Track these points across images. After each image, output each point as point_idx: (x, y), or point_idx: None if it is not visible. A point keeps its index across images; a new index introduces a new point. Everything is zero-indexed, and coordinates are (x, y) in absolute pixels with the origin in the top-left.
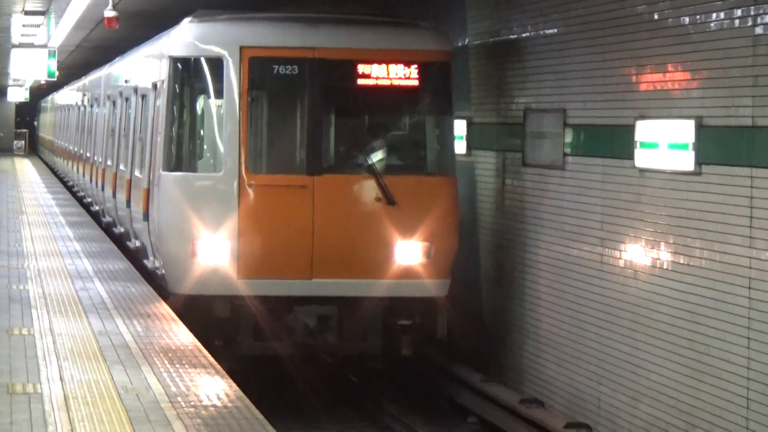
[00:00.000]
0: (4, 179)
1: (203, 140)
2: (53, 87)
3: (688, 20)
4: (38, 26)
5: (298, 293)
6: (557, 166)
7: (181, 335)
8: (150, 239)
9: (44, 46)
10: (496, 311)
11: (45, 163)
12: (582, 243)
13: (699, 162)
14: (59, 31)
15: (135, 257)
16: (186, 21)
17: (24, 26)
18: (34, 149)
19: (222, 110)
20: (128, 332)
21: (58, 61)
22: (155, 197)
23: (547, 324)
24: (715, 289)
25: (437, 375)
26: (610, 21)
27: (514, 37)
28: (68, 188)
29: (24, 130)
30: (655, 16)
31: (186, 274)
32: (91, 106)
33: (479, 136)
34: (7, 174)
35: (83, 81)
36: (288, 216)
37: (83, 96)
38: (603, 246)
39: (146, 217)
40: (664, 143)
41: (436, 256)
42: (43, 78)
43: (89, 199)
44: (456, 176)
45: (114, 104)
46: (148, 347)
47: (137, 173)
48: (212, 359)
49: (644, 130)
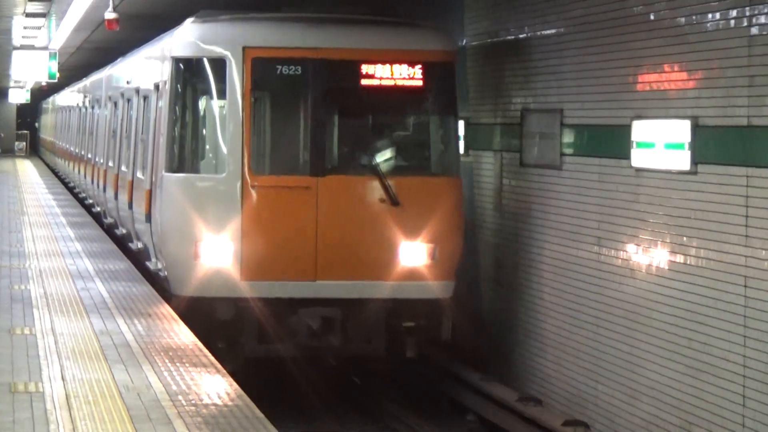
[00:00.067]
0: (6, 180)
1: (206, 141)
2: (54, 88)
3: (684, 21)
4: (39, 28)
5: (302, 295)
6: (555, 166)
7: (182, 335)
8: (152, 241)
9: (45, 48)
10: (495, 310)
11: (46, 164)
12: (579, 242)
13: (695, 162)
14: (60, 33)
15: (137, 259)
16: (188, 21)
17: (25, 28)
18: (36, 150)
19: (225, 111)
20: (129, 332)
21: (59, 63)
22: (157, 199)
23: (546, 323)
24: (712, 288)
25: (436, 374)
26: (607, 22)
27: (512, 38)
28: (69, 189)
29: (25, 132)
30: (652, 17)
31: (189, 276)
32: (93, 108)
33: (477, 137)
34: (9, 175)
35: (84, 82)
36: (291, 217)
37: (84, 97)
38: (600, 245)
39: (148, 219)
40: (661, 143)
41: (441, 258)
42: (44, 80)
43: (91, 201)
44: (460, 177)
45: (115, 105)
46: (149, 346)
47: (139, 174)
48: (212, 358)
49: (641, 130)
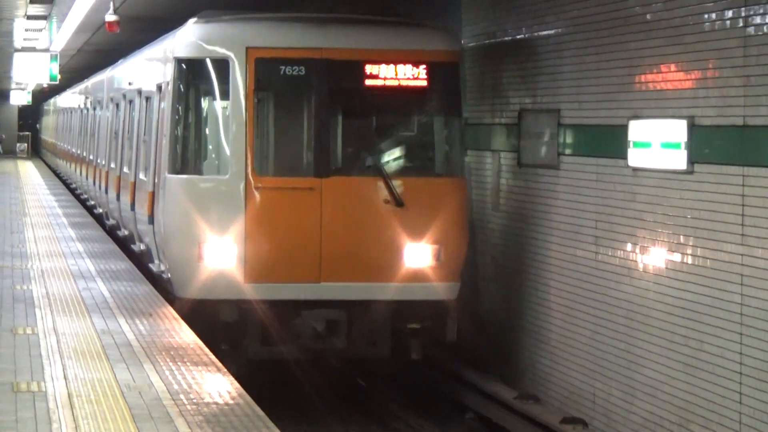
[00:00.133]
0: (8, 181)
1: (209, 142)
2: (55, 90)
3: (680, 21)
4: (40, 30)
5: (306, 297)
6: (552, 166)
7: (183, 334)
8: (155, 243)
9: (46, 50)
10: (493, 309)
11: (47, 166)
12: (577, 241)
13: (691, 161)
14: (61, 36)
15: (140, 260)
16: (191, 22)
17: (26, 30)
18: (37, 152)
19: (228, 112)
20: (130, 331)
21: (60, 65)
22: (160, 200)
23: (544, 321)
24: (709, 286)
25: (438, 374)
26: (604, 23)
27: (509, 39)
28: (71, 191)
29: (27, 133)
30: (648, 18)
31: (192, 278)
32: (94, 109)
33: (475, 137)
34: (10, 176)
35: (86, 84)
36: (295, 219)
37: (86, 99)
38: (597, 244)
39: (151, 221)
40: (657, 143)
41: (446, 259)
42: (45, 81)
43: (92, 202)
44: (465, 177)
45: (117, 107)
46: (151, 346)
47: (141, 176)
48: (213, 357)
49: (637, 130)
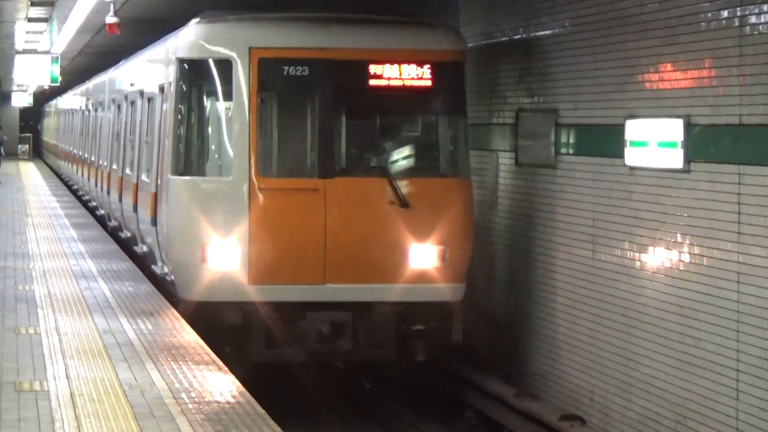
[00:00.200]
0: (9, 183)
1: (212, 143)
2: (56, 92)
3: (677, 21)
4: (41, 33)
5: (311, 299)
6: (550, 165)
7: (184, 333)
8: (158, 244)
9: (47, 53)
10: (491, 307)
11: (49, 167)
12: (574, 240)
13: (688, 160)
14: (62, 38)
15: (143, 262)
16: (193, 22)
17: (27, 33)
18: (38, 153)
19: (231, 113)
20: (132, 330)
21: (61, 67)
22: (163, 202)
23: (541, 319)
24: (705, 284)
25: (436, 372)
26: (600, 23)
27: (506, 40)
28: (73, 192)
29: (28, 135)
30: (644, 18)
31: (196, 281)
32: (96, 110)
33: (473, 137)
34: (12, 177)
35: (87, 85)
36: (300, 220)
37: (87, 100)
38: (595, 242)
39: (154, 222)
40: (654, 142)
41: (451, 260)
42: (47, 83)
43: (94, 203)
44: (470, 177)
45: (119, 108)
46: (152, 345)
47: (144, 177)
48: (214, 356)
49: (634, 129)
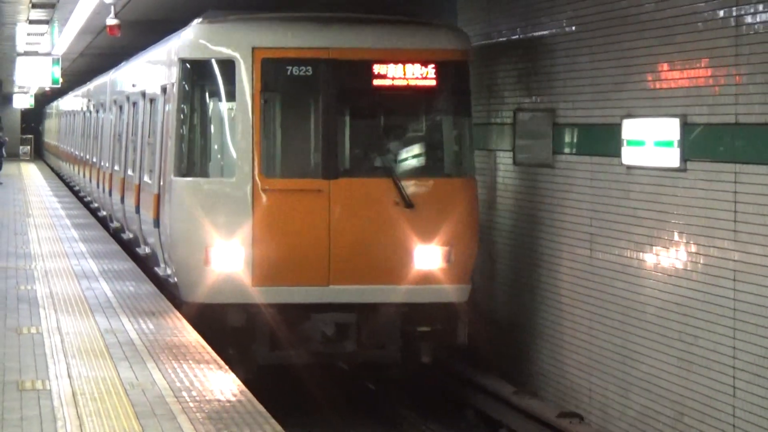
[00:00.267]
0: (11, 184)
1: (215, 144)
2: (58, 93)
3: (673, 21)
4: (42, 35)
5: (315, 300)
6: (547, 165)
7: (185, 332)
8: (161, 246)
9: (48, 54)
10: (490, 306)
11: (50, 168)
12: (572, 238)
13: (684, 159)
14: (63, 40)
15: (145, 263)
16: (196, 22)
17: (28, 35)
18: (40, 154)
19: (234, 113)
20: (133, 330)
21: (62, 69)
22: (166, 203)
23: (540, 318)
24: (702, 282)
25: (438, 372)
26: (598, 23)
27: (504, 40)
28: (74, 193)
29: (29, 136)
30: (641, 18)
31: (199, 282)
32: (97, 111)
33: None
34: (14, 179)
35: (88, 86)
36: (304, 221)
37: (89, 101)
38: (592, 241)
39: (157, 224)
40: (651, 141)
41: (456, 261)
42: (48, 85)
43: (96, 205)
44: (475, 178)
45: (121, 109)
46: (153, 344)
47: (146, 178)
48: (215, 355)
49: (631, 129)
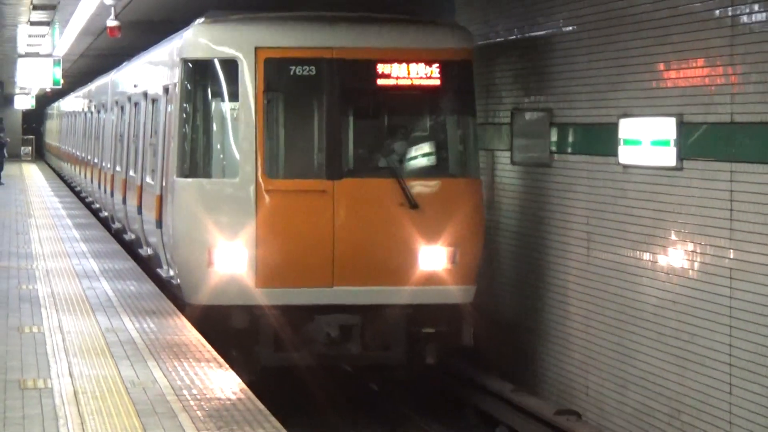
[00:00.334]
0: (13, 184)
1: (218, 144)
2: (59, 94)
3: (669, 21)
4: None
5: (319, 302)
6: (544, 164)
7: (186, 331)
8: (164, 247)
9: (49, 56)
10: (489, 305)
11: (52, 169)
12: (569, 237)
13: (681, 158)
14: (63, 41)
15: (147, 264)
16: (198, 22)
17: (29, 36)
18: (41, 155)
19: (237, 113)
20: (134, 329)
21: (63, 70)
22: (169, 204)
23: (537, 316)
24: (699, 280)
25: (440, 372)
26: (594, 23)
27: (501, 40)
28: (75, 193)
29: (31, 137)
30: (637, 18)
31: (202, 284)
32: (98, 112)
33: None
34: (15, 179)
35: (89, 87)
36: (307, 222)
37: (90, 102)
38: (589, 240)
39: (159, 225)
40: (647, 140)
41: (461, 262)
42: (49, 86)
43: (97, 205)
44: (480, 178)
45: (122, 109)
46: (154, 343)
47: (148, 179)
48: (216, 354)
49: (627, 128)
